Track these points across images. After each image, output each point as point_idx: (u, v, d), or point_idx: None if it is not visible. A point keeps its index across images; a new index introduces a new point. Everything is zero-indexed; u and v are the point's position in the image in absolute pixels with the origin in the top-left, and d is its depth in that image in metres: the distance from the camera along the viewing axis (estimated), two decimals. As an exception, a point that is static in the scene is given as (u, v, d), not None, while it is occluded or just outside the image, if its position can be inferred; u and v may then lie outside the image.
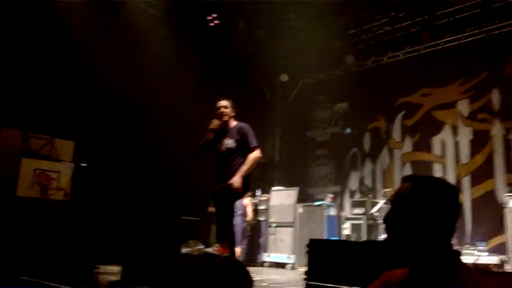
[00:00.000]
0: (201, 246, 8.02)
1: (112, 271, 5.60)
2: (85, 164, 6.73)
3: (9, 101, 7.26)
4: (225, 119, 4.95)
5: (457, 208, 1.47)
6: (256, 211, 9.97)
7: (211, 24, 10.13)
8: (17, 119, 7.04)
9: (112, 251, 5.90)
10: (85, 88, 8.00)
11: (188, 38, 10.14)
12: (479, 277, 1.39)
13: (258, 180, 11.34)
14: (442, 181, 1.50)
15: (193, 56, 9.82)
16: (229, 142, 4.86)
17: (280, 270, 8.90)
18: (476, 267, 7.25)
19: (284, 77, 12.45)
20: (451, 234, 1.45)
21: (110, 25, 8.98)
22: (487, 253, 8.12)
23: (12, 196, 6.21)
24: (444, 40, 10.40)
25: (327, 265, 3.62)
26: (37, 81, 7.70)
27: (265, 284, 6.20)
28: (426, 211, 1.42)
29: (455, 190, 1.49)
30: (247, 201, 9.51)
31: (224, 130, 4.99)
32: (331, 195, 10.76)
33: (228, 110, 4.99)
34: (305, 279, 3.74)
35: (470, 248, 8.33)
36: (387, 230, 1.52)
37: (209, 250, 4.80)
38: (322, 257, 3.69)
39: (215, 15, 10.10)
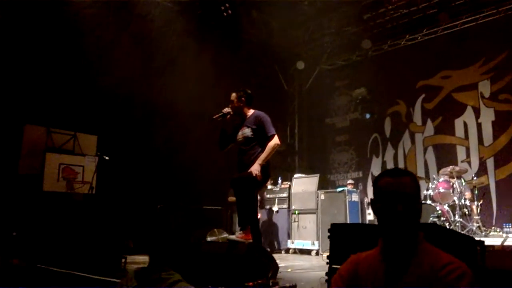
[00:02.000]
0: (225, 234, 8.11)
1: (139, 261, 5.75)
2: (108, 158, 6.83)
3: (33, 98, 7.45)
4: (231, 112, 5.01)
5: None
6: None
7: (224, 14, 10.12)
8: (40, 115, 7.20)
9: (139, 241, 6.04)
10: (105, 83, 8.13)
11: (203, 31, 10.18)
12: (440, 252, 1.62)
13: (279, 168, 11.40)
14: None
15: (209, 48, 9.86)
16: (246, 131, 4.90)
17: (305, 257, 8.94)
18: (504, 248, 7.12)
19: (300, 65, 12.38)
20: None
21: (126, 21, 9.08)
22: (514, 235, 8.01)
23: (39, 191, 6.38)
24: (461, 21, 10.23)
25: (349, 248, 3.65)
26: (59, 78, 7.88)
27: (289, 270, 6.24)
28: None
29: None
30: None
31: (242, 120, 5.05)
32: (351, 182, 10.75)
33: (234, 104, 5.03)
34: (328, 263, 3.78)
35: (496, 230, 8.22)
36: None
37: (232, 237, 4.86)
38: (344, 240, 3.71)
39: (227, 5, 10.07)
